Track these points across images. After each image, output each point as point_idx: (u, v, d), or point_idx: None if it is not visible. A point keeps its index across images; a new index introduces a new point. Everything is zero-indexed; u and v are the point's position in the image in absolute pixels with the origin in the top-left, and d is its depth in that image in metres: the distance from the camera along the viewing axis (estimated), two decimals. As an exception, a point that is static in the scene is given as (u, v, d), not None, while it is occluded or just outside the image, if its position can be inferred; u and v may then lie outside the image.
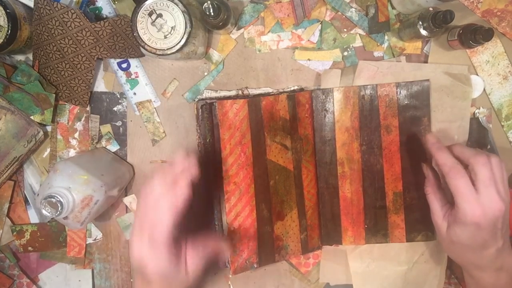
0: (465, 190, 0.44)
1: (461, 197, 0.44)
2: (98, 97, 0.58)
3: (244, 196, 0.51)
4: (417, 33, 0.50)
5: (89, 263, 0.60)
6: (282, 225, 0.54)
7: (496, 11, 0.54)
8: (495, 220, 0.44)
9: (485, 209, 0.43)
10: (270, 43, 0.56)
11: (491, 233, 0.44)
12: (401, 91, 0.54)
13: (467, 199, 0.44)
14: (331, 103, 0.55)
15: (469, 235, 0.45)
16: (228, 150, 0.50)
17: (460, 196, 0.44)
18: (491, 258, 0.46)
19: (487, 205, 0.43)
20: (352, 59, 0.56)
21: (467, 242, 0.45)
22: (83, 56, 0.54)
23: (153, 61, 0.57)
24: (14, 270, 0.60)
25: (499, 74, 0.55)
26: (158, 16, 0.46)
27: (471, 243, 0.45)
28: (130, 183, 0.59)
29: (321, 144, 0.56)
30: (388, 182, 0.55)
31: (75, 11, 0.51)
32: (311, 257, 0.59)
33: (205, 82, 0.57)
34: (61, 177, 0.47)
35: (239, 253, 0.51)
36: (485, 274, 0.47)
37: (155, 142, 0.58)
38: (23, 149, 0.55)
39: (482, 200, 0.43)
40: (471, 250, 0.46)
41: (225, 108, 0.50)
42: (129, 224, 0.59)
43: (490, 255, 0.45)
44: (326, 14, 0.55)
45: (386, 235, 0.56)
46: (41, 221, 0.60)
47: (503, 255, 0.46)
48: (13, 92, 0.54)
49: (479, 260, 0.46)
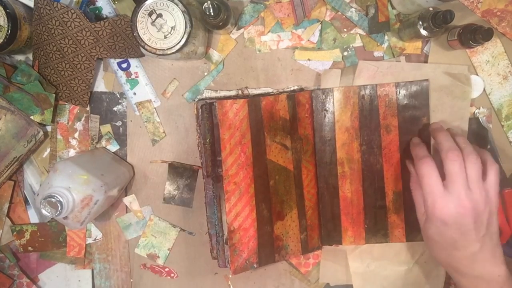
0: (429, 180, 0.43)
1: (425, 188, 0.44)
2: (98, 97, 0.58)
3: (244, 196, 0.51)
4: (417, 33, 0.50)
5: (89, 263, 0.60)
6: (282, 225, 0.54)
7: (496, 11, 0.54)
8: (461, 218, 0.42)
9: (448, 204, 0.42)
10: (270, 43, 0.56)
11: (459, 232, 0.43)
12: (400, 91, 0.54)
13: (431, 190, 0.43)
14: (331, 103, 0.55)
15: (436, 231, 0.44)
16: (228, 150, 0.50)
17: (424, 186, 0.44)
18: (466, 262, 0.44)
19: (451, 200, 0.42)
20: (352, 59, 0.56)
21: (438, 239, 0.45)
22: (83, 56, 0.54)
23: (153, 61, 0.57)
24: (14, 270, 0.60)
25: (499, 74, 0.55)
26: (158, 16, 0.46)
27: (442, 241, 0.45)
28: (130, 183, 0.59)
29: (321, 144, 0.56)
30: (388, 182, 0.55)
31: (75, 11, 0.51)
32: (311, 257, 0.59)
33: (205, 82, 0.57)
34: (61, 177, 0.47)
35: (239, 253, 0.51)
36: (464, 279, 0.45)
37: (155, 142, 0.58)
38: (23, 149, 0.55)
39: (447, 195, 0.42)
40: (443, 249, 0.45)
41: (225, 108, 0.50)
42: (129, 224, 0.59)
43: (465, 258, 0.44)
44: (326, 14, 0.55)
45: (386, 235, 0.56)
46: (41, 221, 0.60)
47: (482, 262, 0.44)
48: (13, 92, 0.54)
49: (454, 262, 0.45)
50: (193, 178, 0.58)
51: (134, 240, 0.59)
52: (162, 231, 0.59)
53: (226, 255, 0.53)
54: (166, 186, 0.58)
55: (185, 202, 0.59)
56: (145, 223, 0.59)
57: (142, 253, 0.59)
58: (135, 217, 0.59)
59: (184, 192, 0.59)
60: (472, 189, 0.43)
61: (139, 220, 0.59)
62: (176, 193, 0.59)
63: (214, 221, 0.54)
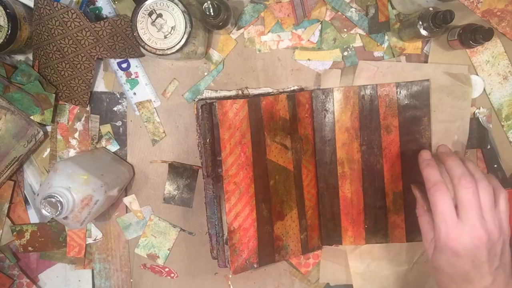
0: (443, 209, 0.40)
1: (437, 216, 0.41)
2: (98, 97, 0.58)
3: (244, 196, 0.51)
4: (417, 33, 0.50)
5: (89, 263, 0.60)
6: (282, 225, 0.54)
7: (496, 11, 0.54)
8: (475, 249, 0.40)
9: (462, 234, 0.40)
10: (270, 43, 0.56)
11: (472, 265, 0.40)
12: (401, 91, 0.54)
13: (443, 218, 0.40)
14: (331, 103, 0.55)
15: (448, 263, 0.41)
16: (228, 150, 0.50)
17: (437, 214, 0.41)
18: None
19: (465, 230, 0.39)
20: (352, 59, 0.56)
21: (448, 271, 0.42)
22: (83, 56, 0.54)
23: (153, 61, 0.57)
24: (14, 270, 0.60)
25: (499, 74, 0.55)
26: (158, 16, 0.46)
27: (452, 273, 0.42)
28: (130, 183, 0.59)
29: (321, 144, 0.56)
30: (388, 182, 0.55)
31: (75, 11, 0.51)
32: (311, 257, 0.59)
33: (205, 82, 0.57)
34: (61, 177, 0.47)
35: (239, 253, 0.51)
36: None
37: (155, 142, 0.58)
38: (23, 149, 0.55)
39: (460, 224, 0.40)
40: (453, 282, 0.42)
41: (225, 108, 0.50)
42: (129, 224, 0.59)
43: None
44: (326, 14, 0.55)
45: (386, 235, 0.56)
46: (41, 221, 0.60)
47: None
48: (13, 92, 0.54)
49: None
50: (193, 178, 0.58)
51: (134, 240, 0.59)
52: (162, 231, 0.59)
53: (226, 255, 0.53)
54: (166, 186, 0.58)
55: (185, 202, 0.59)
56: (145, 223, 0.59)
57: (142, 253, 0.59)
58: (135, 217, 0.59)
59: (184, 192, 0.59)
60: (486, 219, 0.40)
61: (139, 220, 0.59)
62: (176, 193, 0.59)
63: (214, 221, 0.54)
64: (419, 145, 0.54)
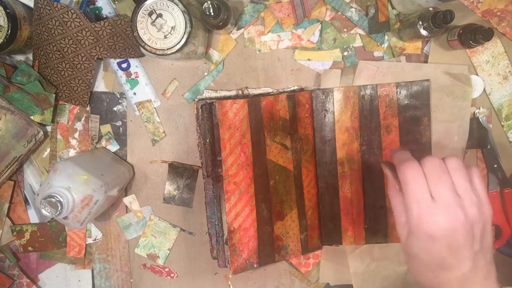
0: (415, 187, 0.36)
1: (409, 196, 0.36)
2: (98, 97, 0.58)
3: (244, 196, 0.51)
4: (417, 33, 0.50)
5: (89, 263, 0.60)
6: (282, 225, 0.54)
7: (496, 11, 0.54)
8: (452, 232, 0.35)
9: (436, 215, 0.35)
10: (270, 43, 0.56)
11: (448, 249, 0.35)
12: (401, 91, 0.54)
13: (415, 198, 0.36)
14: (331, 103, 0.55)
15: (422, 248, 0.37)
16: (228, 150, 0.50)
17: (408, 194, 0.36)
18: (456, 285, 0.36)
19: (440, 211, 0.35)
20: (352, 59, 0.56)
21: (423, 257, 0.37)
22: (83, 56, 0.54)
23: (153, 61, 0.57)
24: (14, 270, 0.60)
25: (499, 74, 0.55)
26: (158, 16, 0.46)
27: (427, 259, 0.37)
28: (130, 183, 0.59)
29: (321, 144, 0.56)
30: (388, 182, 0.55)
31: (75, 11, 0.51)
32: (311, 257, 0.59)
33: (205, 82, 0.57)
34: (61, 177, 0.47)
35: (239, 253, 0.51)
36: None
37: (155, 142, 0.58)
38: (23, 149, 0.55)
39: (434, 204, 0.35)
40: (429, 270, 0.38)
41: (225, 108, 0.50)
42: (129, 224, 0.59)
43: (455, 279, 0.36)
44: (326, 14, 0.55)
45: (386, 235, 0.56)
46: (41, 221, 0.60)
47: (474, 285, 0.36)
48: (13, 92, 0.54)
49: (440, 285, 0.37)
50: (193, 178, 0.58)
51: (134, 240, 0.59)
52: (162, 231, 0.59)
53: (226, 255, 0.53)
54: (166, 186, 0.58)
55: (185, 202, 0.59)
56: (145, 223, 0.59)
57: (142, 253, 0.59)
58: (135, 217, 0.59)
59: (184, 192, 0.59)
60: (461, 196, 0.36)
61: (139, 220, 0.59)
62: (176, 193, 0.59)
63: (214, 221, 0.54)
64: (419, 145, 0.54)
